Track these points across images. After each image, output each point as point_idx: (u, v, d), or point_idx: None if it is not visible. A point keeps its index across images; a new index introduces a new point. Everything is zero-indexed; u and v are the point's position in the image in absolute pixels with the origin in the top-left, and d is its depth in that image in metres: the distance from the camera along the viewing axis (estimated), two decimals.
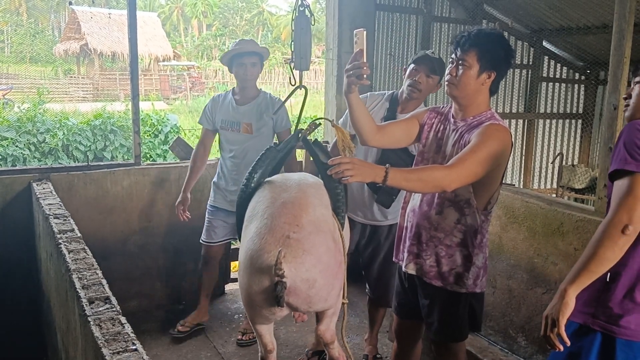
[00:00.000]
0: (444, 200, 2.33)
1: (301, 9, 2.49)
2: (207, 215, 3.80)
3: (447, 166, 2.15)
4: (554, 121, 7.20)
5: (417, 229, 2.41)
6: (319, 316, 2.35)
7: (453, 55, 2.31)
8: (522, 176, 7.03)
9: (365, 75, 2.12)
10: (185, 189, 3.74)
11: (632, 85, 2.01)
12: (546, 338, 1.85)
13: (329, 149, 3.08)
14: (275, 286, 1.92)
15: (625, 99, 2.04)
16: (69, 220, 2.87)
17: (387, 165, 2.07)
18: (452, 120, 2.39)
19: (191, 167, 3.75)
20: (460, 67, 2.27)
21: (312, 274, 2.03)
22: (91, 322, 1.73)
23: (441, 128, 2.42)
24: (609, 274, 1.85)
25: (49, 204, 3.16)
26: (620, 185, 1.80)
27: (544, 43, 6.70)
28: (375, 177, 2.03)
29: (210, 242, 3.77)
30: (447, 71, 2.33)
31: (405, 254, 2.47)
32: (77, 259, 2.31)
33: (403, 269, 2.50)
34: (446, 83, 2.34)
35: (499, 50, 2.27)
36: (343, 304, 2.33)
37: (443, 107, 2.51)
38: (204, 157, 3.75)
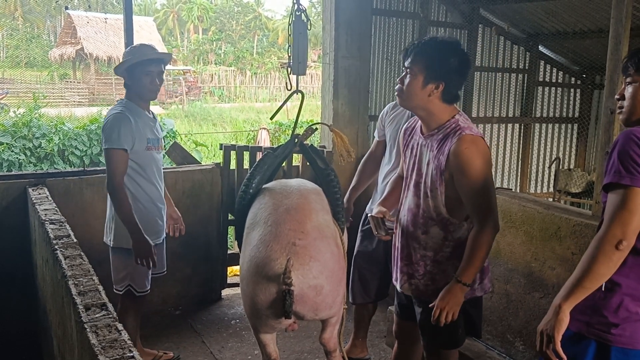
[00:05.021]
0: (427, 219, 2.31)
1: (297, 13, 2.49)
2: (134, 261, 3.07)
3: (482, 228, 2.20)
4: (550, 125, 7.21)
5: (407, 249, 2.40)
6: (322, 324, 2.34)
7: (403, 66, 2.28)
8: (518, 180, 7.03)
9: None
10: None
11: (623, 85, 1.97)
12: (542, 354, 1.86)
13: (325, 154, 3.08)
14: (284, 298, 1.89)
15: (619, 99, 1.99)
16: (65, 225, 2.85)
17: (453, 276, 2.22)
18: (420, 135, 2.35)
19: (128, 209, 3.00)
20: (407, 76, 2.22)
21: (319, 281, 2.02)
22: (87, 329, 1.71)
23: (415, 144, 2.39)
24: (604, 283, 1.84)
25: (45, 210, 3.14)
26: (613, 198, 1.76)
27: (540, 47, 6.71)
28: (463, 295, 2.21)
29: (147, 289, 3.25)
30: (397, 81, 2.30)
31: (399, 275, 2.45)
32: (73, 265, 2.29)
33: (399, 289, 2.48)
34: (396, 94, 2.31)
35: (449, 60, 2.19)
36: (343, 309, 2.33)
37: (415, 121, 2.44)
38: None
